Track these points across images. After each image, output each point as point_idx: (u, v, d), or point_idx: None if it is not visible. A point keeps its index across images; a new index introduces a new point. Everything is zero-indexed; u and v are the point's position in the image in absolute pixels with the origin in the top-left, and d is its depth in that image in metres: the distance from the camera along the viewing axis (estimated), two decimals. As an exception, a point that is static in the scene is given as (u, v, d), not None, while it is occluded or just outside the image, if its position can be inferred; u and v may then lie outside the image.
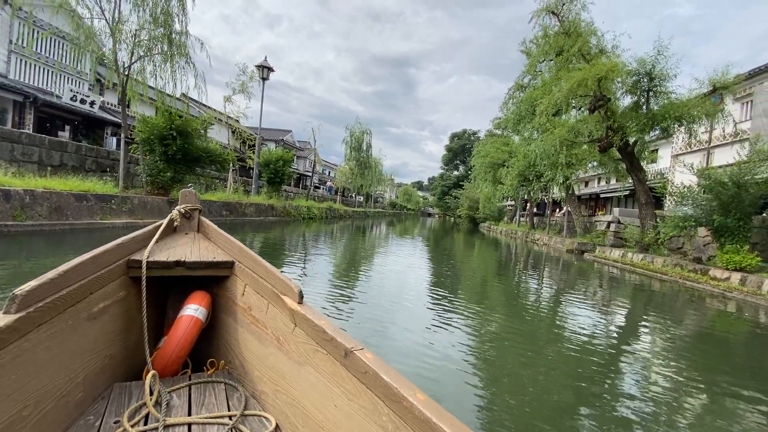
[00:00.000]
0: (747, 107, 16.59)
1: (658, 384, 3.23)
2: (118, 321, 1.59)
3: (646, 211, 12.50)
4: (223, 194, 15.73)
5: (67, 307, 1.33)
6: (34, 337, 1.17)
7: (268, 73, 18.40)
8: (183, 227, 2.04)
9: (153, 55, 11.51)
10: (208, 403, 1.44)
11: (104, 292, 1.52)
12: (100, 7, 11.15)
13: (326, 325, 1.30)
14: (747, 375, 3.70)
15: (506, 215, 38.04)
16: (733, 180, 8.83)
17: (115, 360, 1.55)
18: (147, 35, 11.29)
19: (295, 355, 1.42)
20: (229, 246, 1.89)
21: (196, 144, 12.24)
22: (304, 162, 43.37)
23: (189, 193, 2.07)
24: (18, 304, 1.12)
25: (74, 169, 11.55)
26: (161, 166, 11.58)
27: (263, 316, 1.62)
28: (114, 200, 9.67)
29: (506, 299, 6.44)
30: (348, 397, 1.15)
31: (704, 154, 18.12)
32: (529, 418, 2.53)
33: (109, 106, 19.85)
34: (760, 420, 2.73)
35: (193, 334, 1.64)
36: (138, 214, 10.26)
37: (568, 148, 13.11)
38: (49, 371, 1.21)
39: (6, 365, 1.06)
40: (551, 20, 13.53)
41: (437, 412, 0.89)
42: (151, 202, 10.91)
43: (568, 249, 16.09)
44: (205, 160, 12.65)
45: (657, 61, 11.34)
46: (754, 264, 8.31)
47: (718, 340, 4.96)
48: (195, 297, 1.76)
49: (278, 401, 1.43)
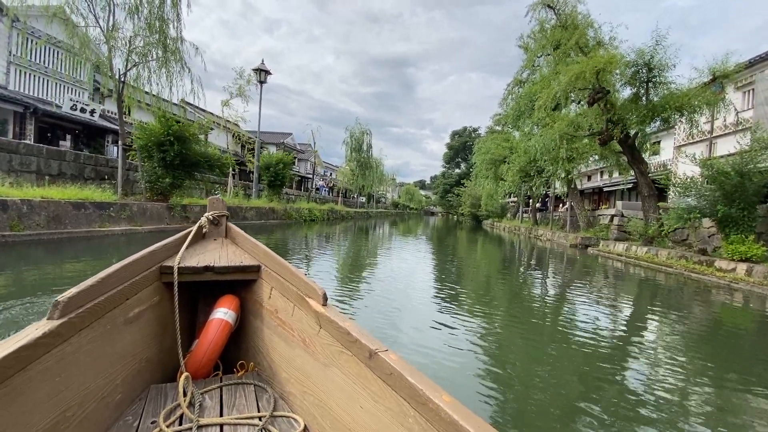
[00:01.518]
0: (749, 96, 16.39)
1: (667, 377, 3.17)
2: (153, 325, 1.66)
3: (649, 203, 12.36)
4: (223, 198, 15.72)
5: (105, 312, 1.39)
6: (76, 341, 1.23)
7: (265, 76, 18.38)
8: (211, 233, 2.12)
9: (148, 61, 11.52)
10: (239, 404, 1.49)
11: (139, 297, 1.59)
12: (94, 15, 11.18)
13: (350, 327, 1.31)
14: (757, 367, 3.61)
15: (509, 212, 37.87)
16: (736, 169, 8.69)
17: (151, 362, 1.62)
18: (142, 42, 11.29)
19: (321, 357, 1.44)
20: (256, 250, 1.95)
21: (194, 149, 12.22)
22: (305, 164, 43.37)
23: (216, 201, 2.15)
24: (60, 310, 1.18)
25: (73, 177, 11.57)
26: (160, 172, 11.57)
27: (289, 319, 1.66)
28: (113, 207, 9.67)
29: (511, 295, 6.39)
30: (374, 399, 1.15)
31: (707, 145, 17.92)
32: (538, 411, 2.51)
33: (109, 114, 19.92)
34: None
35: (223, 337, 1.70)
36: (137, 220, 10.25)
37: (568, 142, 12.99)
38: (90, 374, 1.27)
39: (51, 368, 1.12)
40: (548, 14, 13.44)
41: (464, 414, 0.89)
42: (150, 209, 10.91)
43: (572, 244, 15.95)
44: (203, 165, 12.63)
45: (656, 52, 11.20)
46: (760, 254, 8.17)
47: (726, 332, 4.86)
48: (224, 301, 1.82)
49: (306, 402, 1.45)
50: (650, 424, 2.39)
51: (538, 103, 12.60)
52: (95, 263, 6.25)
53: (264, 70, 17.98)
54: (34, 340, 1.07)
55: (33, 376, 1.06)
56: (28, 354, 1.05)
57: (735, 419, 2.58)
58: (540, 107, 12.50)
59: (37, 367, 1.08)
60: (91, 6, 11.14)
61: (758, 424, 2.53)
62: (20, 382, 1.03)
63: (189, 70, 12.16)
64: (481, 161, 26.02)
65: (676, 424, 2.45)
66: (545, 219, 25.80)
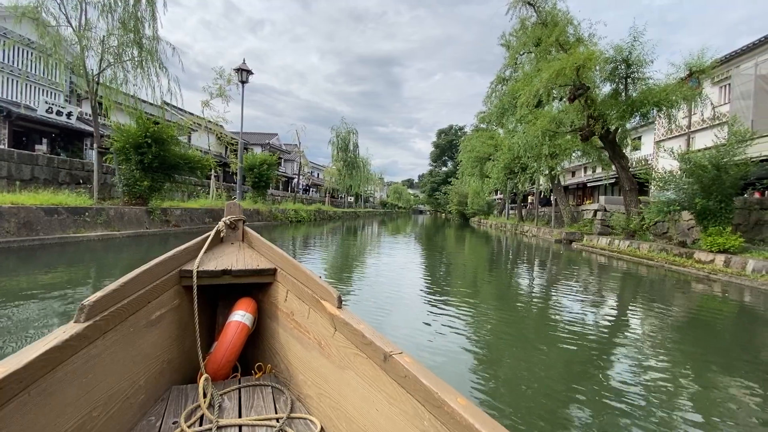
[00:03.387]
0: (725, 91, 16.78)
1: (650, 368, 3.22)
2: (174, 327, 1.70)
3: (631, 197, 12.54)
4: (206, 201, 15.44)
5: (128, 315, 1.43)
6: (101, 343, 1.27)
7: (247, 76, 18.07)
8: (229, 237, 2.18)
9: (123, 61, 11.20)
10: (257, 405, 1.51)
11: (160, 300, 1.63)
12: (65, 14, 10.82)
13: (365, 329, 1.32)
14: (736, 356, 3.67)
15: (495, 209, 38.16)
16: (713, 163, 8.85)
17: (172, 364, 1.66)
18: (116, 41, 10.97)
19: (336, 359, 1.46)
20: (272, 253, 1.99)
21: (173, 151, 11.95)
22: (292, 165, 42.98)
23: (233, 205, 2.22)
24: (86, 313, 1.22)
25: (46, 182, 11.20)
26: (138, 175, 11.27)
27: (305, 321, 1.68)
28: (88, 212, 9.37)
29: (496, 290, 6.42)
30: (389, 402, 1.16)
31: (685, 139, 18.30)
32: (524, 405, 2.52)
33: (87, 117, 19.35)
34: (753, 397, 2.71)
35: (241, 339, 1.74)
36: (114, 225, 9.96)
37: (551, 139, 13.10)
38: (115, 375, 1.30)
39: (78, 370, 1.15)
40: (528, 11, 13.52)
41: (480, 417, 0.88)
42: (128, 213, 10.62)
43: (557, 239, 16.12)
44: (183, 167, 12.35)
45: (633, 48, 11.36)
46: (737, 245, 8.35)
47: (706, 323, 4.93)
48: (242, 303, 1.86)
49: (322, 404, 1.47)
50: (636, 414, 2.40)
51: (520, 100, 12.66)
52: (71, 272, 6.02)
53: (245, 69, 17.69)
54: (62, 343, 1.10)
55: (62, 378, 1.10)
56: (56, 356, 1.08)
57: (718, 403, 2.62)
58: (522, 104, 12.56)
59: (65, 369, 1.11)
60: (62, 5, 10.79)
61: (738, 407, 2.57)
62: (50, 383, 1.06)
63: (166, 70, 11.88)
64: (466, 159, 26.11)
65: (661, 409, 2.50)
66: (531, 215, 26.05)
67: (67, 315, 3.70)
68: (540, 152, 13.38)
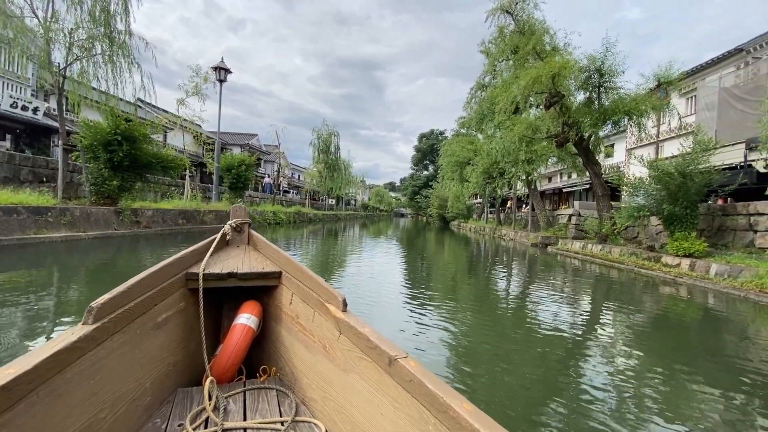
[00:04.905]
0: (692, 102, 17.57)
1: (620, 368, 3.31)
2: (180, 330, 1.71)
3: (603, 203, 12.91)
4: (180, 202, 14.98)
5: (135, 317, 1.44)
6: (108, 345, 1.28)
7: (225, 74, 17.72)
8: (235, 240, 2.20)
9: (93, 55, 10.77)
10: (262, 408, 1.51)
11: (167, 303, 1.64)
12: (30, 5, 10.33)
13: (370, 333, 1.32)
14: (701, 355, 3.80)
15: (475, 212, 38.66)
16: (679, 170, 9.20)
17: (178, 366, 1.66)
18: (85, 34, 10.54)
19: (341, 363, 1.46)
20: (277, 257, 2.00)
21: (145, 149, 11.54)
22: (272, 166, 42.32)
23: (239, 209, 2.23)
24: (94, 315, 1.23)
25: (6, 180, 10.61)
26: (106, 174, 10.82)
27: (310, 324, 1.69)
28: (51, 212, 8.92)
29: (473, 292, 6.48)
30: (394, 406, 1.16)
31: (654, 147, 19.04)
32: (499, 405, 2.55)
33: (55, 112, 18.51)
34: (715, 394, 2.80)
35: (246, 342, 1.74)
36: (80, 226, 9.52)
37: (527, 145, 13.37)
38: (122, 377, 1.31)
39: (86, 371, 1.16)
40: (506, 19, 13.79)
41: (485, 422, 0.88)
42: (95, 213, 10.17)
43: (533, 243, 16.42)
44: (156, 167, 11.94)
45: (606, 58, 11.75)
46: (702, 249, 8.69)
47: (673, 324, 5.09)
48: (247, 306, 1.87)
49: (327, 408, 1.47)
50: (606, 413, 2.45)
51: (498, 106, 12.88)
52: (23, 276, 5.70)
53: (223, 68, 17.34)
54: (71, 344, 1.11)
55: (70, 379, 1.10)
56: (65, 357, 1.09)
57: (683, 401, 2.70)
58: (500, 110, 12.78)
59: (73, 370, 1.12)
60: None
61: (702, 403, 2.65)
62: (58, 384, 1.06)
63: (139, 66, 11.49)
64: (447, 163, 26.39)
65: (628, 405, 2.58)
66: (509, 219, 26.50)
67: (16, 326, 3.48)
68: (517, 158, 13.64)
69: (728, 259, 8.08)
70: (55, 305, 4.14)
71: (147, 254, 8.38)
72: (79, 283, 5.39)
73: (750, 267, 7.14)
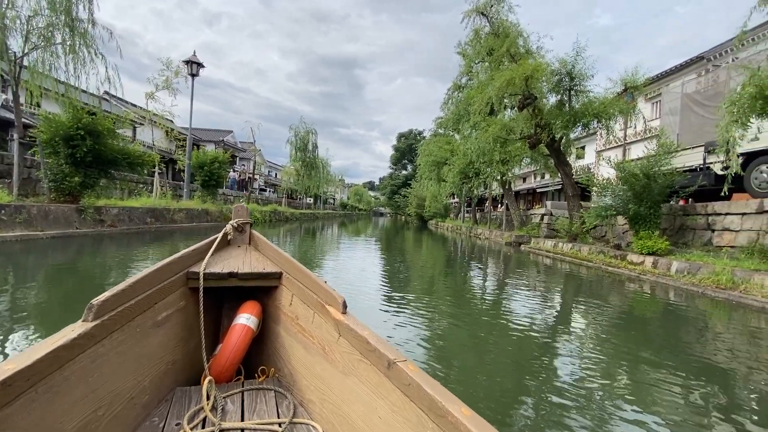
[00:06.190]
0: (657, 107, 18.33)
1: (586, 359, 3.47)
2: (179, 329, 1.71)
3: (573, 203, 13.29)
4: (148, 200, 14.43)
5: (135, 315, 1.44)
6: (108, 343, 1.27)
7: (197, 69, 17.18)
8: (236, 240, 2.20)
9: (52, 44, 10.20)
10: (260, 409, 1.51)
11: (167, 301, 1.64)
12: (-18, -11, 9.68)
13: (369, 336, 1.32)
14: (663, 348, 3.94)
15: (452, 212, 39.11)
16: (644, 172, 9.57)
17: (177, 365, 1.65)
18: (43, 22, 9.98)
19: (340, 365, 1.46)
20: (278, 257, 2.00)
21: (110, 145, 11.04)
22: (248, 164, 41.47)
23: (241, 209, 2.22)
24: (94, 313, 1.23)
25: (-45, 175, 9.92)
26: (67, 170, 10.28)
27: (309, 326, 1.69)
28: (5, 210, 8.40)
29: (449, 291, 6.54)
30: (392, 409, 1.16)
31: (622, 150, 19.78)
32: (470, 394, 2.64)
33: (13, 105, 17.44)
34: (677, 384, 2.92)
35: (245, 342, 1.74)
36: (37, 225, 9.01)
37: (502, 146, 13.59)
38: (120, 375, 1.31)
39: (85, 368, 1.16)
40: (482, 21, 13.96)
41: (484, 428, 0.88)
42: (55, 211, 9.65)
43: (507, 242, 16.74)
44: (122, 163, 11.45)
45: (576, 62, 12.09)
46: (664, 248, 9.06)
47: (636, 318, 5.28)
48: (247, 306, 1.87)
49: (325, 410, 1.47)
50: (576, 407, 2.51)
51: (473, 107, 13.03)
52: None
53: (196, 62, 16.82)
54: (70, 341, 1.11)
55: (68, 376, 1.10)
56: (64, 354, 1.09)
57: (647, 392, 2.80)
58: (476, 111, 12.94)
59: (72, 367, 1.12)
60: (-21, -22, 9.64)
61: (665, 394, 2.76)
62: (57, 381, 1.06)
63: (103, 57, 10.97)
64: (425, 163, 26.54)
65: (598, 400, 2.66)
66: (485, 218, 26.94)
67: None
68: (492, 158, 13.85)
69: (688, 257, 8.46)
70: None
71: (110, 255, 8.01)
72: (26, 288, 5.07)
73: (707, 264, 7.49)
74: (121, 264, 6.86)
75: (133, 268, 6.39)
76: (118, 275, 5.85)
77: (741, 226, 8.48)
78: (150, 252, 8.71)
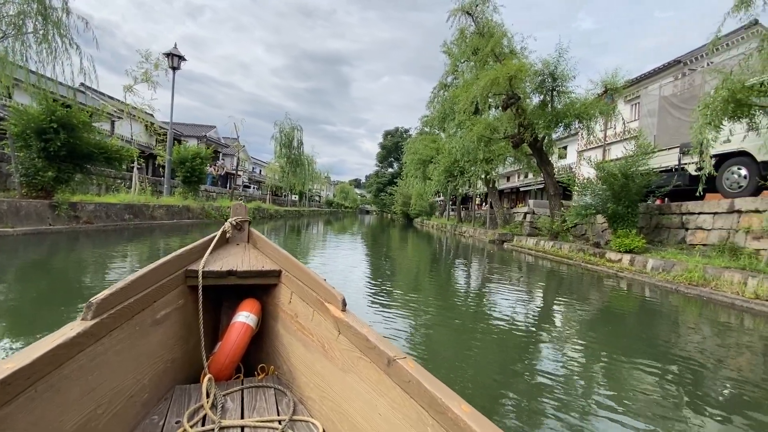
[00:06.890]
0: (636, 108, 18.81)
1: (565, 352, 3.60)
2: (179, 327, 1.70)
3: (555, 201, 13.53)
4: (127, 196, 14.04)
5: (134, 314, 1.43)
6: (107, 341, 1.27)
7: (178, 62, 16.80)
8: (235, 238, 2.20)
9: (23, 33, 9.79)
10: (259, 407, 1.51)
11: (166, 300, 1.63)
12: (-53, -27, 9.21)
13: (369, 333, 1.32)
14: (639, 341, 4.08)
15: (437, 210, 39.36)
16: (622, 171, 9.81)
17: (176, 363, 1.65)
18: (14, 9, 9.57)
19: (339, 362, 1.46)
20: (277, 255, 2.01)
21: (86, 138, 10.68)
22: (232, 159, 40.76)
23: (239, 206, 2.24)
24: (94, 311, 1.23)
25: None
26: (40, 165, 9.91)
27: (309, 323, 1.69)
28: (-28, 205, 8.04)
29: (432, 287, 6.60)
30: (392, 407, 1.16)
31: (602, 150, 20.24)
32: (455, 383, 2.72)
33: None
34: (654, 376, 3.03)
35: (244, 340, 1.74)
36: (8, 221, 8.66)
37: (486, 145, 13.72)
38: (120, 373, 1.30)
39: (85, 366, 1.16)
40: (467, 20, 14.04)
41: (483, 424, 0.88)
42: (26, 207, 9.29)
43: (490, 240, 16.95)
44: (98, 157, 11.09)
45: (559, 63, 12.28)
46: (641, 246, 9.32)
47: (613, 314, 5.43)
48: (246, 304, 1.86)
49: (324, 407, 1.47)
50: (558, 398, 2.58)
51: (459, 106, 13.12)
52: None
53: (177, 55, 16.43)
54: (70, 340, 1.11)
55: (68, 374, 1.10)
56: (63, 353, 1.09)
57: (625, 383, 2.90)
58: (461, 110, 13.02)
59: (71, 366, 1.11)
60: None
61: (639, 384, 2.86)
62: (57, 379, 1.06)
63: (78, 48, 10.59)
64: (410, 161, 26.62)
65: (574, 389, 2.76)
66: (469, 217, 27.20)
67: None
68: (476, 157, 13.98)
69: (663, 254, 8.72)
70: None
71: (84, 252, 7.76)
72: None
73: (681, 262, 7.74)
74: (96, 262, 6.66)
75: (111, 267, 6.21)
76: (93, 275, 5.68)
77: (713, 225, 8.79)
78: (128, 249, 8.49)
